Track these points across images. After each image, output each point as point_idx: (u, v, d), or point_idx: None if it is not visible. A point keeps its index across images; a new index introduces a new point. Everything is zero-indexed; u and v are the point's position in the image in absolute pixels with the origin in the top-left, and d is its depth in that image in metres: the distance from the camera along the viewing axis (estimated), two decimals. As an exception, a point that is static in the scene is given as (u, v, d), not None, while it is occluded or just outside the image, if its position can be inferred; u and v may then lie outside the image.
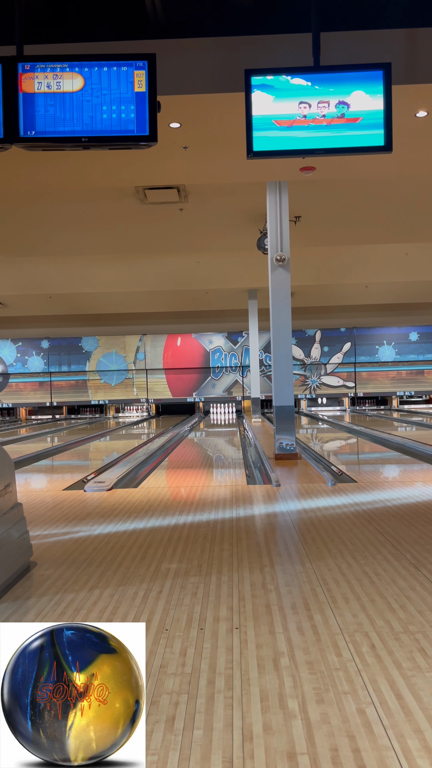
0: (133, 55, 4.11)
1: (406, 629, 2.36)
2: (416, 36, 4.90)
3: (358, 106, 4.24)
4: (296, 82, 4.25)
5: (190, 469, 7.59)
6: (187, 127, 5.41)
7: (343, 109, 4.24)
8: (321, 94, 4.25)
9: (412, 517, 4.28)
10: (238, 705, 1.84)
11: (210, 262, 11.99)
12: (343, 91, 4.25)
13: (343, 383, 21.05)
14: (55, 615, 2.59)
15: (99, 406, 21.60)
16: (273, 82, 4.27)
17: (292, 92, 4.26)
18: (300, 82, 4.25)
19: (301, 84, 4.25)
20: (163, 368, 21.10)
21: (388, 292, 15.73)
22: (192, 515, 4.53)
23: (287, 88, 4.26)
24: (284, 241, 7.45)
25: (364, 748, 1.62)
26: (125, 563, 3.34)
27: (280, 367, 7.49)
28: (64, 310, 16.57)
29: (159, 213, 8.44)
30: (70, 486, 6.07)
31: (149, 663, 2.12)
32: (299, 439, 9.19)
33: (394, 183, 7.66)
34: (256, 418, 15.70)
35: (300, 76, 4.27)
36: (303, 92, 4.26)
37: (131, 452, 9.39)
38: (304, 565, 3.23)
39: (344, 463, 7.78)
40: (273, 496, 5.19)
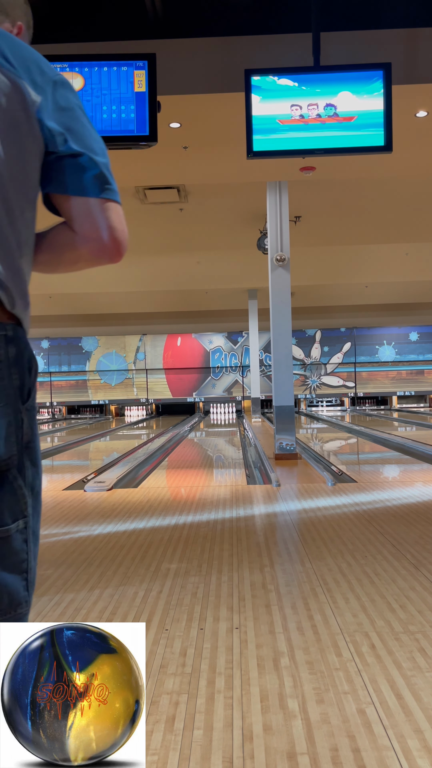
0: (133, 55, 4.11)
1: (406, 629, 2.36)
2: (416, 36, 4.90)
3: (347, 107, 4.24)
4: (283, 83, 4.25)
5: (190, 469, 7.59)
6: (187, 127, 5.41)
7: (331, 110, 4.24)
8: (309, 95, 4.25)
9: (412, 517, 4.28)
10: (238, 705, 1.84)
11: (210, 262, 11.99)
12: (331, 92, 4.25)
13: (343, 383, 21.05)
14: (55, 615, 2.59)
15: (99, 406, 21.59)
16: (260, 83, 4.28)
17: (281, 93, 4.27)
18: (287, 83, 4.25)
19: (287, 84, 4.25)
20: (163, 368, 21.10)
21: (388, 292, 15.73)
22: (192, 515, 4.53)
23: (275, 88, 4.27)
24: (284, 241, 7.45)
25: (364, 748, 1.62)
26: (125, 563, 3.34)
27: (280, 367, 7.49)
28: (64, 310, 16.57)
29: (159, 213, 8.44)
30: (70, 486, 6.07)
31: (149, 663, 2.12)
32: (299, 439, 9.19)
33: (394, 183, 7.66)
34: (256, 418, 15.70)
35: (287, 77, 4.27)
36: (292, 93, 4.26)
37: (131, 452, 9.39)
38: (304, 565, 3.23)
39: (344, 463, 7.79)
40: (273, 496, 5.19)
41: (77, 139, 1.04)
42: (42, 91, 1.03)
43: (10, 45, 1.05)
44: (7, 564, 0.98)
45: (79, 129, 1.05)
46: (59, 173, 1.05)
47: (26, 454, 1.01)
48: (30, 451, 1.02)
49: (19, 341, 0.99)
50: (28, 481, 1.01)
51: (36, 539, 1.04)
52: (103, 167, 1.05)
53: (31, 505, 1.01)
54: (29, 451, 1.02)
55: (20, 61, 1.03)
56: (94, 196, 1.04)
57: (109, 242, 1.05)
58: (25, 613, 1.02)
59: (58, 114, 1.04)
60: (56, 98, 1.05)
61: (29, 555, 1.01)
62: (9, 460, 0.96)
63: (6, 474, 0.97)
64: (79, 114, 1.07)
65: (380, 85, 4.24)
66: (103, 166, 1.05)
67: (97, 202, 1.04)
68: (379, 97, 4.25)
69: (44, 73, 1.05)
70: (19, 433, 0.98)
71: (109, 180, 1.05)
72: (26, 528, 1.00)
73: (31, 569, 1.02)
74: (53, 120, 1.03)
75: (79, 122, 1.06)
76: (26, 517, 1.00)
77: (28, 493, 1.01)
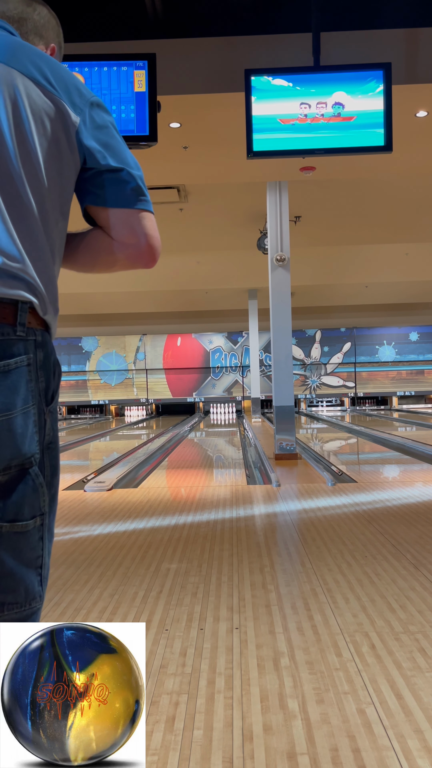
0: (133, 55, 4.11)
1: (406, 629, 2.36)
2: (416, 36, 4.90)
3: (347, 107, 4.24)
4: (278, 83, 4.25)
5: (190, 469, 7.59)
6: (187, 127, 5.41)
7: (332, 110, 4.24)
8: (307, 95, 4.25)
9: (412, 517, 4.28)
10: (238, 705, 1.84)
11: (210, 262, 11.99)
12: (330, 92, 4.25)
13: (343, 383, 21.05)
14: (55, 615, 2.59)
15: (99, 406, 21.59)
16: (255, 83, 4.28)
17: (277, 93, 4.27)
18: (281, 83, 4.25)
19: (282, 84, 4.25)
20: (163, 368, 21.10)
21: (388, 292, 15.73)
22: (192, 515, 4.53)
23: (268, 89, 4.26)
24: (284, 241, 7.45)
25: (364, 748, 1.62)
26: (125, 563, 3.34)
27: (280, 367, 7.50)
28: (64, 310, 16.35)
29: (159, 213, 8.39)
30: (70, 486, 6.07)
31: (149, 663, 2.12)
32: (299, 439, 9.19)
33: (394, 183, 7.66)
34: (256, 418, 15.70)
35: (285, 77, 4.26)
36: (289, 94, 4.26)
37: (131, 452, 9.39)
38: (304, 565, 3.23)
39: (344, 463, 7.79)
40: (273, 496, 5.19)
41: (114, 155, 1.13)
42: (80, 112, 1.11)
43: (51, 67, 1.12)
44: (25, 558, 1.01)
45: (116, 145, 1.14)
46: (99, 188, 1.13)
47: (47, 454, 1.05)
48: (51, 451, 1.07)
49: (47, 346, 1.05)
50: (47, 479, 1.05)
51: (51, 537, 1.08)
52: (139, 180, 1.13)
53: (48, 503, 1.05)
54: (50, 451, 1.06)
55: (61, 83, 1.11)
56: (132, 207, 1.12)
57: (146, 249, 1.14)
58: (39, 608, 1.06)
59: (95, 132, 1.12)
60: (93, 117, 1.13)
61: (44, 551, 1.05)
62: (32, 458, 1.01)
63: (28, 471, 1.01)
64: (113, 132, 1.15)
65: (375, 85, 4.24)
66: (138, 179, 1.14)
67: (134, 213, 1.13)
68: (375, 96, 4.24)
69: (82, 95, 1.13)
70: (42, 433, 1.03)
71: (144, 192, 1.14)
72: (43, 525, 1.04)
73: (45, 565, 1.06)
74: (91, 138, 1.12)
75: (114, 139, 1.14)
76: (43, 514, 1.04)
77: (46, 491, 1.05)
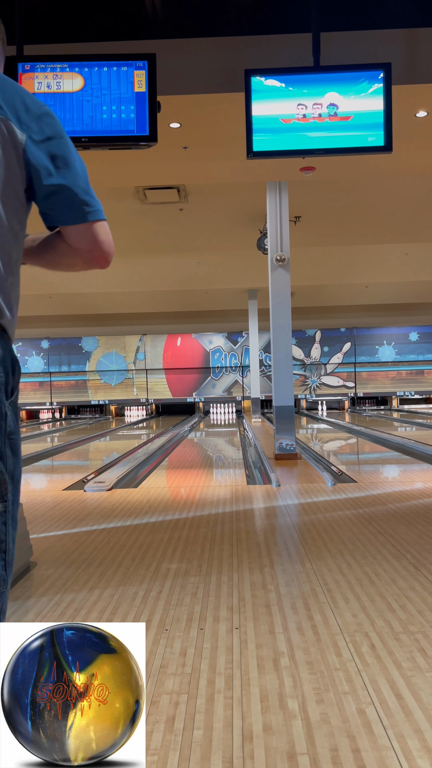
0: (133, 55, 4.10)
1: (406, 629, 2.36)
2: (416, 36, 4.90)
3: (347, 107, 4.23)
4: (270, 84, 4.25)
5: (190, 469, 7.59)
6: (187, 127, 5.41)
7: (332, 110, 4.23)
8: (306, 95, 4.24)
9: (412, 517, 4.28)
10: (238, 705, 1.84)
11: (210, 262, 11.99)
12: (330, 91, 4.24)
13: (343, 383, 21.05)
14: (55, 615, 2.59)
15: (99, 407, 21.59)
16: (253, 84, 4.27)
17: (273, 94, 4.26)
18: (273, 83, 4.25)
19: (274, 85, 4.25)
20: (163, 368, 21.10)
21: (388, 292, 15.73)
22: (192, 515, 4.53)
23: (262, 89, 4.26)
24: (284, 241, 7.45)
25: (364, 748, 1.62)
26: (125, 563, 3.34)
27: (280, 367, 7.50)
28: (64, 310, 16.56)
29: (159, 213, 8.44)
30: (70, 486, 6.07)
31: (149, 663, 2.12)
32: (299, 439, 9.19)
33: (394, 183, 7.66)
34: (256, 418, 15.69)
35: (283, 77, 4.26)
36: (286, 94, 4.25)
37: (131, 452, 9.39)
38: (304, 565, 3.23)
39: (344, 463, 7.79)
40: (273, 497, 5.19)
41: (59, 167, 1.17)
42: (27, 128, 1.15)
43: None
44: None
45: (63, 154, 1.18)
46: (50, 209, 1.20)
47: (8, 444, 1.13)
48: (12, 441, 1.15)
49: (5, 346, 1.15)
50: (9, 468, 1.13)
51: (15, 524, 1.15)
52: (82, 192, 1.19)
53: (11, 491, 1.13)
54: (11, 441, 1.14)
55: (8, 102, 1.14)
56: (82, 222, 1.20)
57: (98, 254, 1.24)
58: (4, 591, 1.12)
59: (42, 145, 1.17)
60: (41, 130, 1.17)
61: (8, 537, 1.12)
62: None
63: None
64: (61, 141, 1.19)
65: (368, 86, 4.24)
66: (82, 191, 1.19)
67: (84, 227, 1.21)
68: (368, 97, 4.23)
69: (29, 110, 1.16)
70: (2, 424, 1.11)
71: (90, 203, 1.20)
72: (5, 512, 1.11)
73: (9, 551, 1.12)
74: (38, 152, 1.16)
75: (62, 148, 1.19)
76: (6, 502, 1.11)
77: (8, 479, 1.12)
